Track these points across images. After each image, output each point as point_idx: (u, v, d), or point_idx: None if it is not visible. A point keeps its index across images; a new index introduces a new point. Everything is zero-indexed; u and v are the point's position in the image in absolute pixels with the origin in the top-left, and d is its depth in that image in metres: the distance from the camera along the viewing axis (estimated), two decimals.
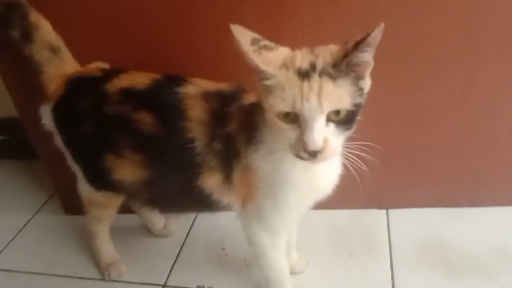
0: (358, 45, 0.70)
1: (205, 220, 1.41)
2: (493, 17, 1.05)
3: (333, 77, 0.72)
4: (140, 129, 0.93)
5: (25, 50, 1.04)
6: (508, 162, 1.26)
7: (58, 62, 1.05)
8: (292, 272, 1.19)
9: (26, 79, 1.12)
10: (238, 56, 1.12)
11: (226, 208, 0.99)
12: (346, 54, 0.72)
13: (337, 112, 0.73)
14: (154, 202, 1.11)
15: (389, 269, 1.18)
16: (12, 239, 1.44)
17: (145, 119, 0.93)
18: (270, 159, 0.87)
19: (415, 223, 1.31)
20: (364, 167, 0.81)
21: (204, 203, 0.97)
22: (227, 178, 0.93)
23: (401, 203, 1.36)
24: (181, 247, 1.33)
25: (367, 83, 0.78)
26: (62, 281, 1.27)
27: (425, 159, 1.28)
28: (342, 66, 0.72)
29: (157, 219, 1.37)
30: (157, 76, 0.97)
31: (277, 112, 0.74)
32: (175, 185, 0.98)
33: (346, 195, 1.29)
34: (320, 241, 1.30)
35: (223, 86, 0.94)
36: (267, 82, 0.75)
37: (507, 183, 1.31)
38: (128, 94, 0.95)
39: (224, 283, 1.20)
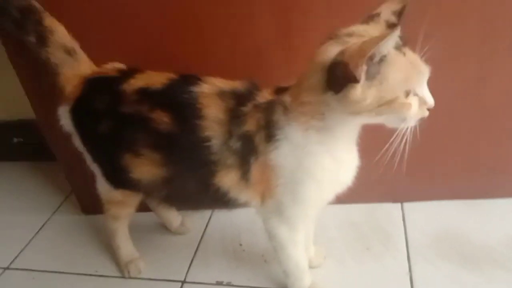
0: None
1: (222, 217, 1.42)
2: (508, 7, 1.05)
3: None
4: (157, 128, 0.94)
5: (41, 54, 1.07)
6: None
7: (74, 63, 1.07)
8: (310, 266, 1.19)
9: (44, 81, 1.13)
10: (251, 52, 1.15)
11: (243, 205, 1.00)
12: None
13: None
14: (171, 200, 1.12)
15: (406, 262, 1.19)
16: (32, 239, 1.46)
17: (162, 118, 0.94)
18: (294, 154, 0.88)
19: (431, 216, 1.32)
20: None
21: (221, 200, 0.98)
22: (244, 175, 0.94)
23: (416, 196, 1.37)
24: (199, 243, 1.35)
25: None
26: (82, 279, 1.29)
27: (439, 151, 1.28)
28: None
29: (174, 217, 1.38)
30: (172, 75, 0.98)
31: (405, 90, 0.76)
32: (192, 183, 0.99)
33: (361, 189, 1.31)
34: (336, 235, 1.31)
35: (237, 84, 0.95)
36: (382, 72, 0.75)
37: None
38: (145, 94, 0.96)
39: (242, 278, 1.21)
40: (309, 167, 0.88)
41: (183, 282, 1.23)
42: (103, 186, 1.15)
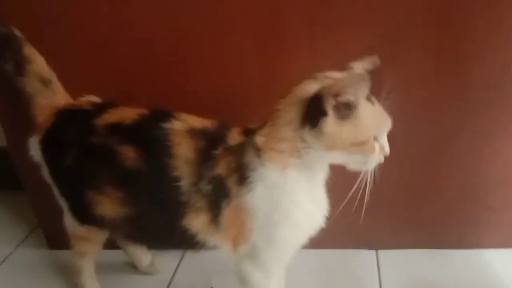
0: None
1: (193, 258, 1.37)
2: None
3: None
4: (122, 164, 0.92)
5: (17, 82, 1.05)
6: (494, 207, 1.28)
7: (50, 93, 1.06)
8: None
9: (19, 109, 1.10)
10: (232, 94, 1.16)
11: (212, 248, 0.97)
12: None
13: None
14: (135, 238, 1.09)
15: None
16: None
17: (129, 154, 0.91)
18: (270, 196, 0.87)
19: (405, 264, 1.31)
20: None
21: (188, 243, 0.95)
22: (215, 219, 0.91)
23: (391, 244, 1.36)
24: (168, 285, 1.30)
25: None
26: None
27: (414, 201, 1.29)
28: None
29: (143, 256, 1.34)
30: (144, 111, 0.96)
31: (374, 135, 0.82)
32: (158, 223, 0.96)
33: (334, 235, 1.30)
34: (309, 281, 1.28)
35: (208, 123, 0.93)
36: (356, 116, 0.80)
37: (493, 227, 1.32)
38: (115, 128, 0.94)
39: None
40: (286, 207, 0.87)
41: None
42: (69, 221, 1.12)
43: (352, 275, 1.29)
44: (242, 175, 0.87)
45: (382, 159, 0.86)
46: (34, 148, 1.05)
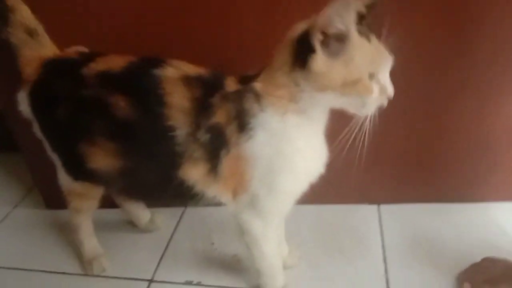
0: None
1: (193, 215, 1.37)
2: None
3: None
4: (114, 115, 0.88)
5: (1, 33, 0.99)
6: (499, 161, 1.26)
7: (36, 45, 1.01)
8: (283, 267, 1.16)
9: (10, 68, 1.06)
10: (232, 44, 1.12)
11: (211, 200, 0.95)
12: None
13: None
14: (130, 193, 1.07)
15: (382, 264, 1.16)
16: None
17: (120, 103, 0.87)
18: (271, 142, 0.84)
19: (407, 219, 1.29)
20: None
21: (185, 195, 0.93)
22: (213, 169, 0.89)
23: (393, 199, 1.34)
24: (168, 242, 1.29)
25: None
26: (42, 276, 1.21)
27: (417, 154, 1.27)
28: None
29: (142, 213, 1.32)
30: (134, 58, 0.92)
31: (369, 73, 0.78)
32: (153, 175, 0.94)
33: (334, 190, 1.29)
34: (309, 236, 1.27)
35: (202, 71, 0.89)
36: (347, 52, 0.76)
37: (497, 181, 1.30)
38: (105, 77, 0.90)
39: (213, 277, 1.16)
40: (287, 154, 0.85)
41: (151, 281, 1.17)
42: (63, 178, 1.09)
43: (353, 230, 1.28)
44: (241, 122, 0.85)
45: (384, 102, 0.82)
46: (23, 103, 1.02)
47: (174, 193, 0.95)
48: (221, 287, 1.14)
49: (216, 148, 0.87)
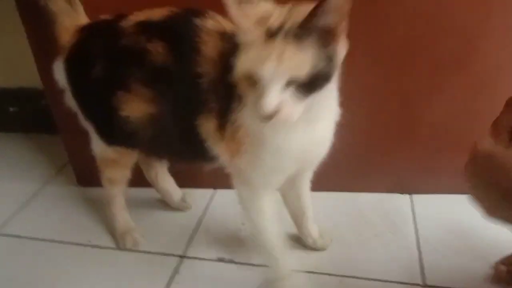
0: (315, 9, 0.66)
1: (224, 195, 1.37)
2: None
3: (298, 40, 0.68)
4: (151, 60, 0.90)
5: (40, 1, 1.04)
6: None
7: (73, 13, 1.05)
8: (314, 248, 1.16)
9: (53, 47, 1.08)
10: None
11: (216, 159, 0.95)
12: (311, 16, 0.68)
13: (297, 78, 0.69)
14: (155, 147, 1.07)
15: (416, 250, 1.15)
16: (24, 206, 1.40)
17: (158, 49, 0.89)
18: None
19: (440, 209, 1.28)
20: None
21: (199, 148, 0.93)
22: (221, 127, 0.89)
23: (425, 189, 1.33)
24: (200, 220, 1.30)
25: (337, 52, 0.73)
26: (74, 249, 1.23)
27: (449, 144, 1.26)
28: (307, 29, 0.68)
29: (174, 191, 1.33)
30: (175, 8, 0.93)
31: (243, 72, 0.72)
32: (177, 123, 0.95)
33: (367, 178, 1.28)
34: (342, 221, 1.26)
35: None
36: (239, 39, 0.73)
37: None
38: (144, 25, 0.92)
39: (244, 256, 1.16)
40: (264, 131, 0.83)
41: (183, 256, 1.17)
42: (97, 145, 1.11)
43: (386, 217, 1.27)
44: None
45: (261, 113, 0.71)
46: (59, 71, 1.05)
47: (191, 147, 0.96)
48: (253, 265, 1.14)
49: (227, 107, 0.87)
